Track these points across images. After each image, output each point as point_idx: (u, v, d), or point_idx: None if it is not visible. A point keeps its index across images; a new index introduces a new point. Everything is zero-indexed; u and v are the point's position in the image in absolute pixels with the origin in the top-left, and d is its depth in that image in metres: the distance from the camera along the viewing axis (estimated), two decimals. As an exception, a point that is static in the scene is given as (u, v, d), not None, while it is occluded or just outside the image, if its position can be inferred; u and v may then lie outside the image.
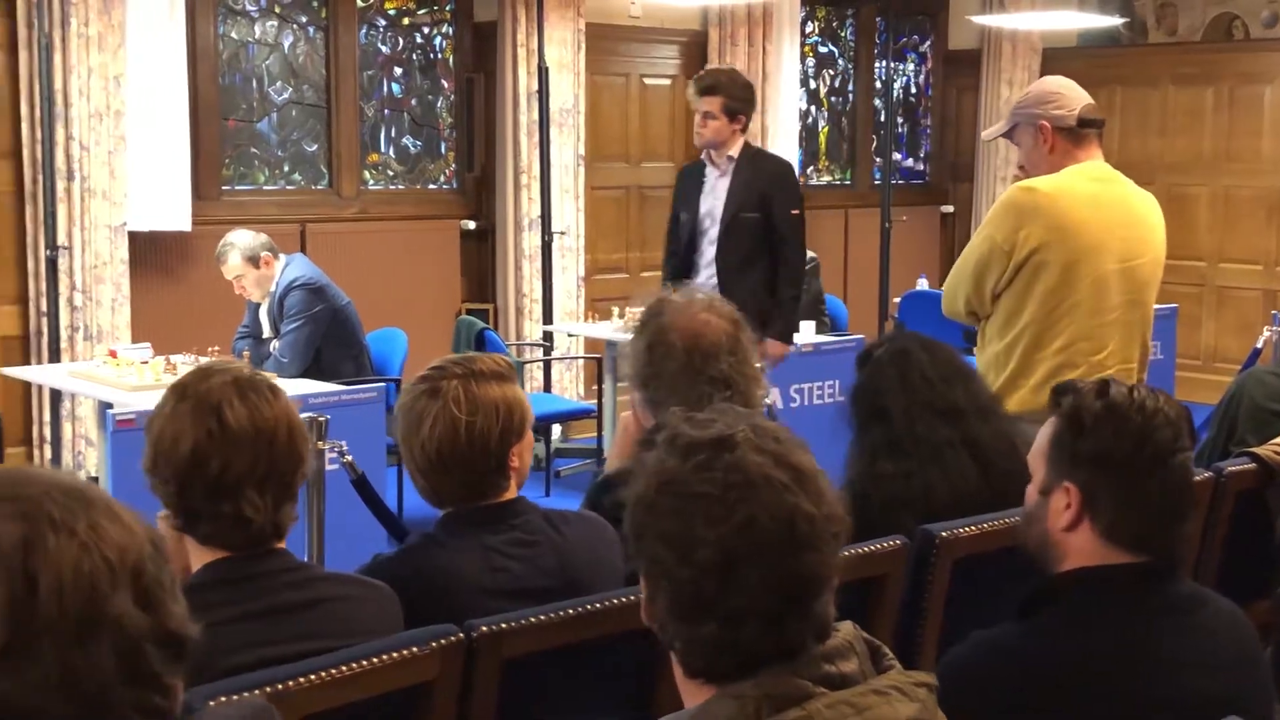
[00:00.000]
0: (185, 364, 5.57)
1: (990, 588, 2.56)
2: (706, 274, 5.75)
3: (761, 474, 1.40)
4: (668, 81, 8.82)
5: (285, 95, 7.71)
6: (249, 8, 7.54)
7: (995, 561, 2.64)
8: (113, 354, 5.67)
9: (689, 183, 5.92)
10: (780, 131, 8.90)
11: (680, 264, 5.88)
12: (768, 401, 4.36)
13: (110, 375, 5.44)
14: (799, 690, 1.38)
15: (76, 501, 1.10)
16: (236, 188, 7.55)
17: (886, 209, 8.94)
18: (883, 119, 9.70)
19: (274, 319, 6.00)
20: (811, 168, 9.86)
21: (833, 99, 10.02)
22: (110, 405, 5.14)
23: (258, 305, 6.09)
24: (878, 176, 9.89)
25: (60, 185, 6.54)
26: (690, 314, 2.55)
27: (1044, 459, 2.10)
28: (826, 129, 10.01)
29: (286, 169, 7.78)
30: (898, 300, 8.42)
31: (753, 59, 8.76)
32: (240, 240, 5.91)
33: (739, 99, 5.62)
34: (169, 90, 6.82)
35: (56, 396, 6.57)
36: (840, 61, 10.03)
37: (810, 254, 6.91)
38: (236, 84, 7.55)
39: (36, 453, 6.72)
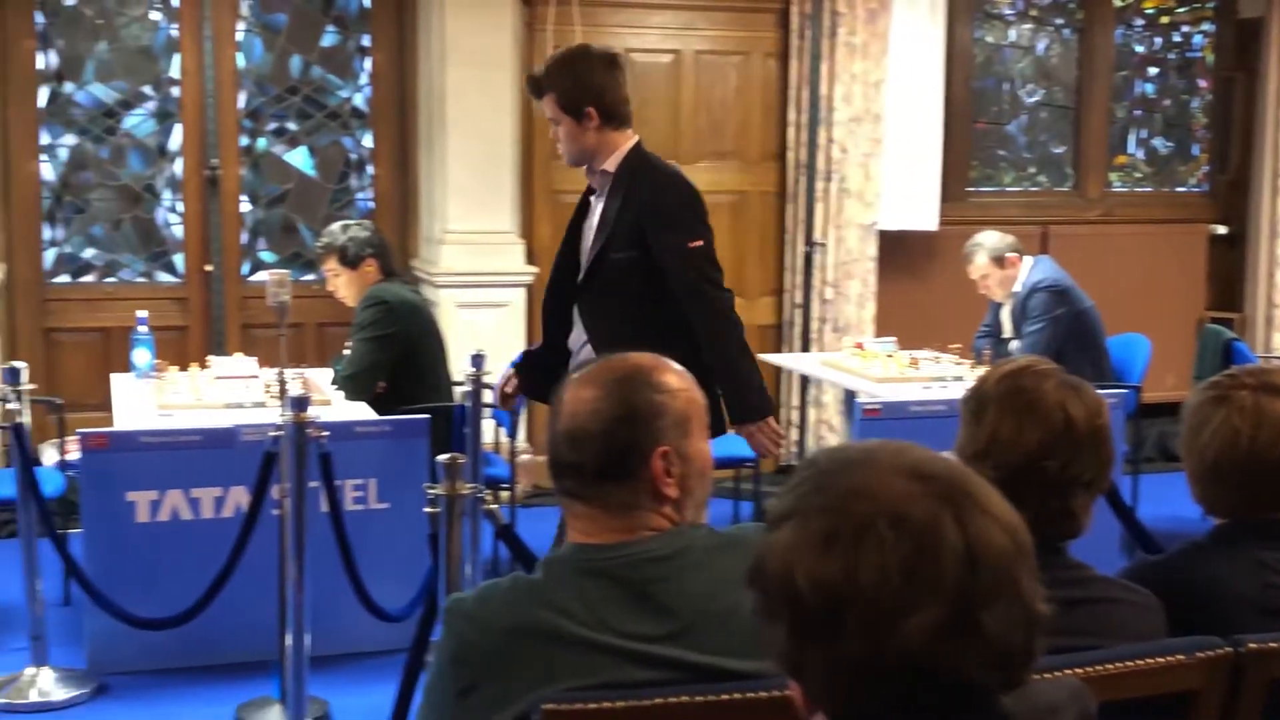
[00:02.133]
0: (927, 359, 5.77)
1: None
2: (578, 337, 3.95)
3: None
4: None
5: (1035, 97, 7.75)
6: (1006, 11, 7.64)
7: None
8: (859, 346, 5.97)
9: (579, 211, 4.03)
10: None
11: (557, 323, 4.00)
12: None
13: (857, 366, 5.73)
14: None
15: (971, 483, 1.23)
16: (981, 189, 7.68)
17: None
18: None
19: (1016, 319, 6.06)
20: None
21: None
22: (856, 394, 5.41)
23: (999, 305, 6.17)
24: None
25: (819, 185, 6.97)
26: None
27: None
28: None
29: (1032, 170, 7.82)
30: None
31: None
32: (988, 240, 6.01)
33: (570, 85, 3.77)
34: (925, 95, 7.07)
35: (804, 383, 7.02)
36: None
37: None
38: (988, 87, 7.68)
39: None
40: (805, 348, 6.97)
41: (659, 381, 1.90)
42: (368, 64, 6.89)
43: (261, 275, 6.71)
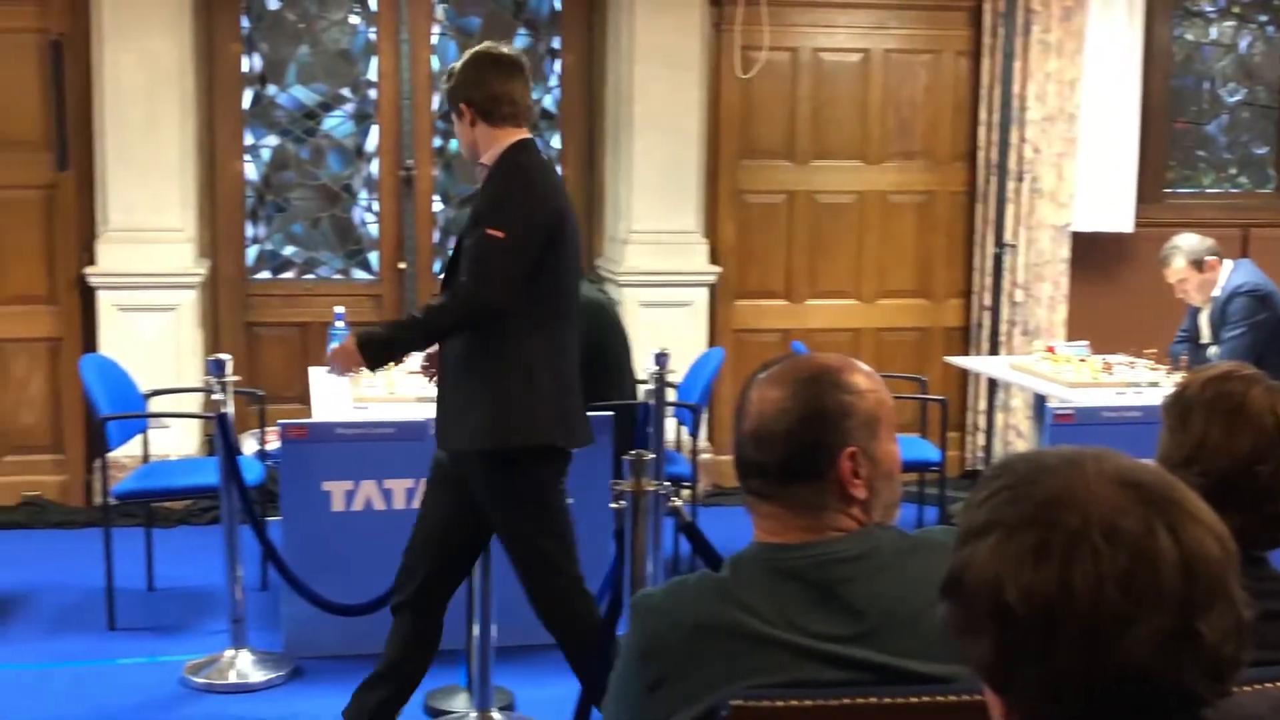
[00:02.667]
0: (1121, 364, 5.63)
1: None
2: None
3: None
4: None
5: (1237, 97, 7.50)
6: (1206, 8, 7.41)
7: None
8: (1050, 350, 5.85)
9: None
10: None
11: None
12: None
13: (1048, 370, 5.62)
14: None
15: (1177, 490, 1.22)
16: (1179, 190, 7.46)
17: None
18: None
19: (1214, 324, 5.87)
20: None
21: None
22: (1047, 399, 5.31)
23: (1197, 309, 5.99)
24: None
25: (1010, 186, 6.86)
26: None
27: None
28: None
29: (1232, 172, 7.57)
30: None
31: None
32: (1185, 243, 5.84)
33: (453, 84, 3.76)
34: (1122, 94, 6.90)
35: (992, 387, 6.91)
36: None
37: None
38: (1188, 86, 7.46)
39: (969, 439, 7.12)
40: (993, 351, 6.86)
41: (847, 382, 1.89)
42: (557, 66, 6.99)
43: (452, 273, 6.85)
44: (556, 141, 7.02)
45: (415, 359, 4.10)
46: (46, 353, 6.33)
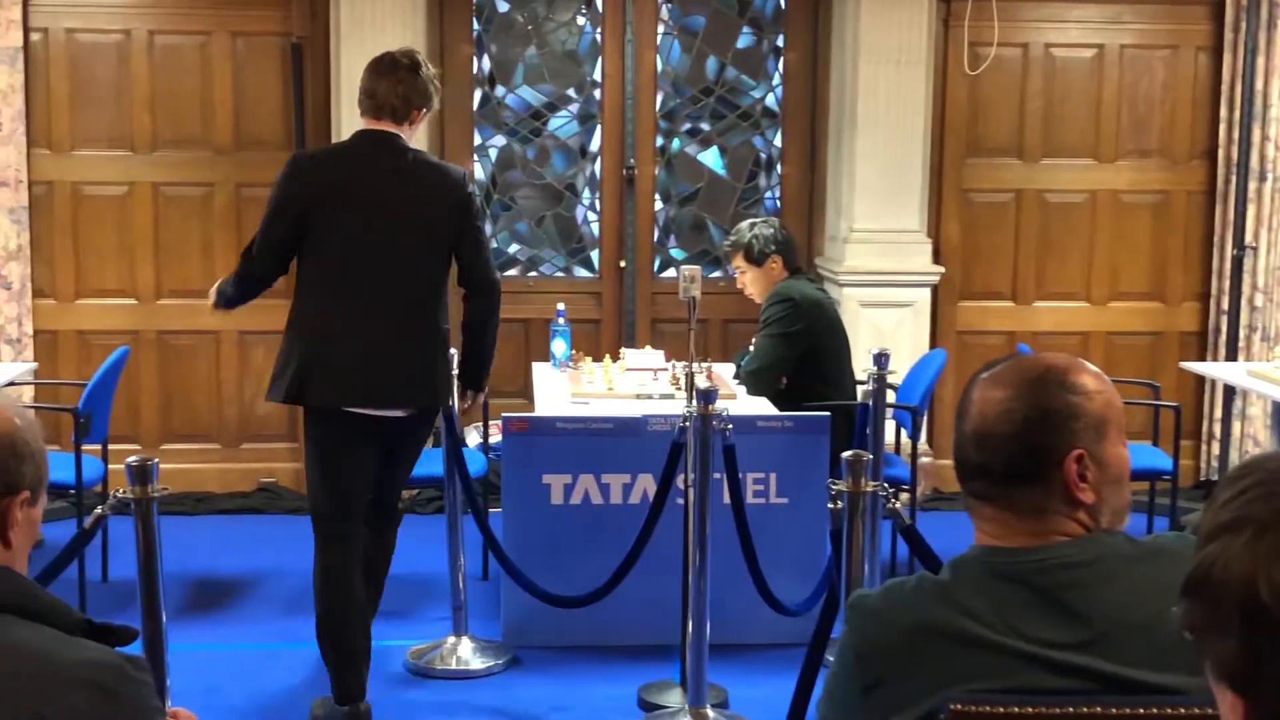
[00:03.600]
0: (1371, 373, 5.34)
1: None
2: None
3: None
4: None
5: None
6: None
7: None
8: (1293, 356, 5.59)
9: None
10: None
11: None
12: None
13: (1290, 378, 5.37)
14: None
15: None
16: None
17: None
18: None
19: None
20: None
21: None
22: (1289, 408, 5.08)
23: None
24: None
25: (1251, 185, 6.58)
26: None
27: None
28: None
29: None
30: None
31: None
32: None
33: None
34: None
35: (1229, 394, 6.63)
36: None
37: None
38: None
39: (1203, 449, 6.85)
40: (1231, 357, 6.59)
41: (1074, 382, 1.84)
42: (780, 64, 6.96)
43: (671, 272, 6.91)
44: (778, 140, 6.99)
45: None
46: (283, 345, 6.57)
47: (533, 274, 7.01)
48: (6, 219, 6.33)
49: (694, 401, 4.08)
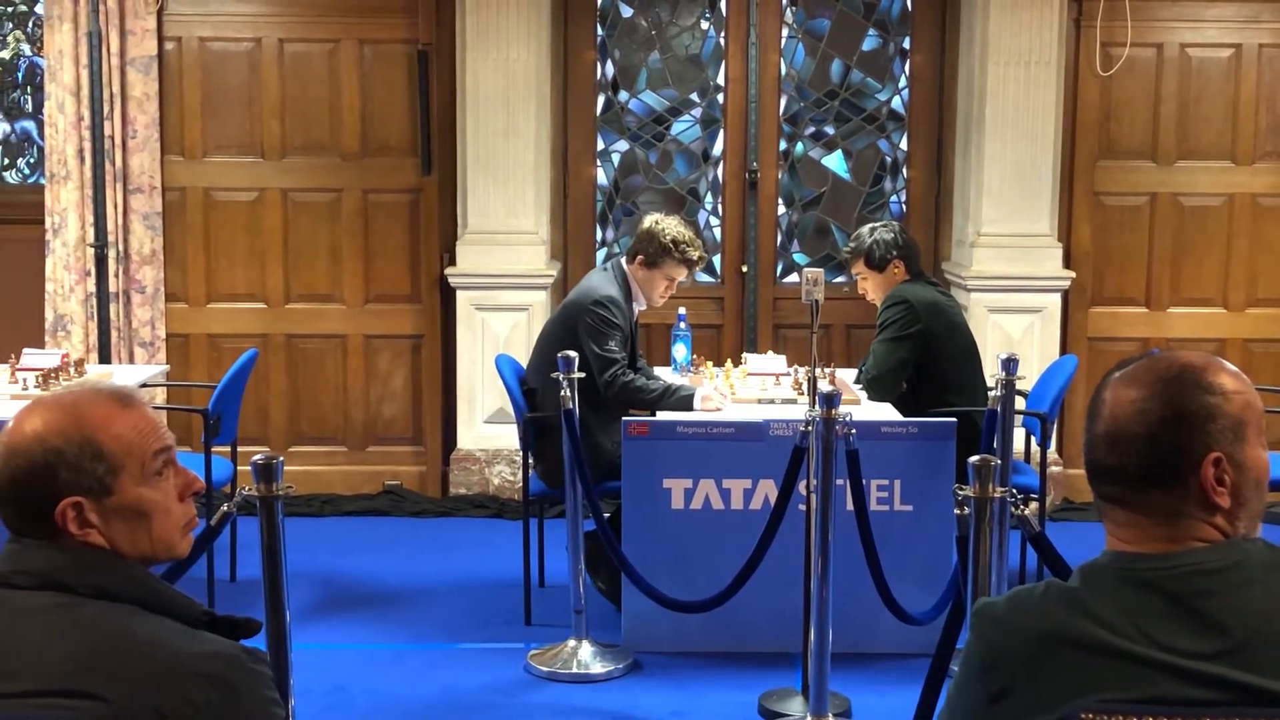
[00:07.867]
0: None
1: None
2: None
3: None
4: None
5: None
6: None
7: None
8: None
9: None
10: None
11: None
12: None
13: None
14: None
15: None
16: None
17: None
18: None
19: None
20: None
21: None
22: None
23: None
24: None
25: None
26: None
27: None
28: None
29: None
30: None
31: None
32: None
33: None
34: None
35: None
36: None
37: None
38: None
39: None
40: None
41: (1212, 382, 1.76)
42: (906, 66, 6.88)
43: (794, 277, 6.85)
44: (904, 143, 6.90)
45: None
46: (409, 349, 6.65)
47: (655, 279, 6.99)
48: (141, 224, 6.49)
49: (816, 406, 4.03)
